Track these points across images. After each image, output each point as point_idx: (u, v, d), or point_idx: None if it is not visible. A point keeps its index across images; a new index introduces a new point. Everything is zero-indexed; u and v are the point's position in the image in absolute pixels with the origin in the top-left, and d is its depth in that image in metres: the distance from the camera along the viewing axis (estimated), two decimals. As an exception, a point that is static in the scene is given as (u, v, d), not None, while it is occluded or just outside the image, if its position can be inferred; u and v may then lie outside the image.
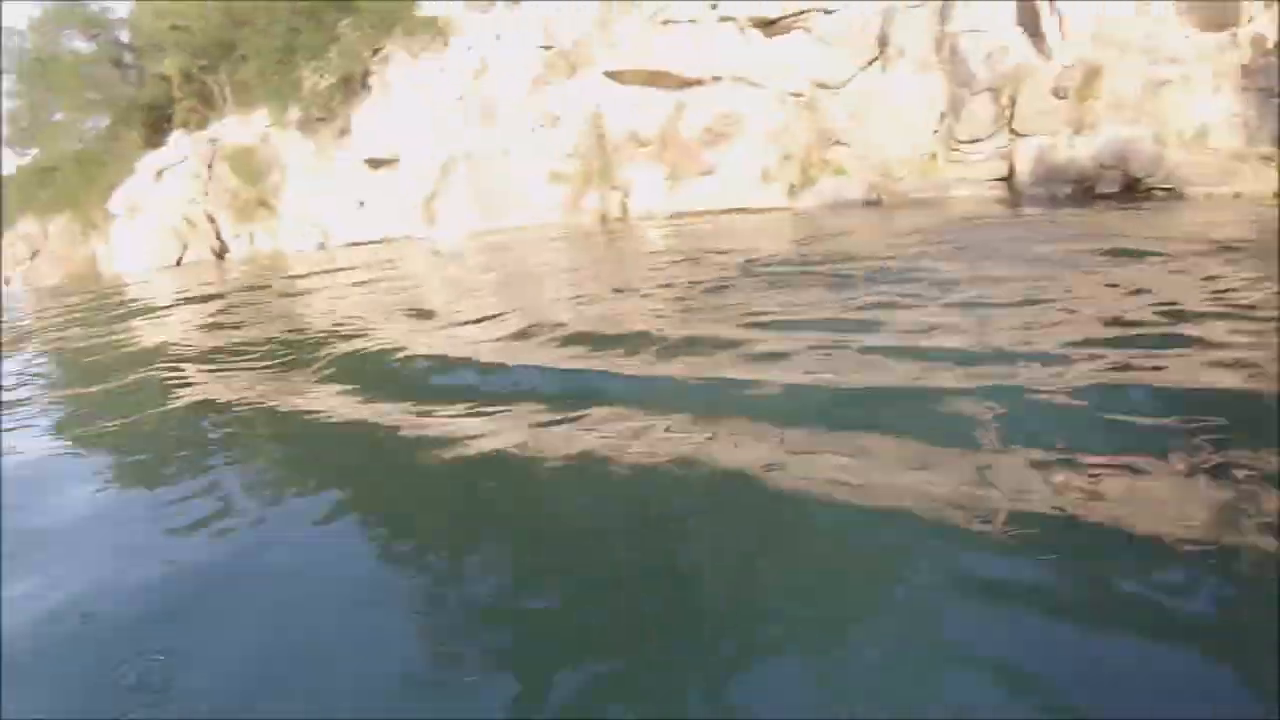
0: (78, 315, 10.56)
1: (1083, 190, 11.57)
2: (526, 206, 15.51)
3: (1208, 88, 11.72)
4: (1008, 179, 12.32)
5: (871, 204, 12.82)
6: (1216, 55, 11.79)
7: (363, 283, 9.84)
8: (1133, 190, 11.39)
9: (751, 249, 8.42)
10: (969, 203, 12.07)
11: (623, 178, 15.13)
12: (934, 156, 12.90)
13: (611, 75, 15.45)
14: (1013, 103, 12.26)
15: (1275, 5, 11.93)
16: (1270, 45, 11.73)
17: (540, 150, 15.63)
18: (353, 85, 17.54)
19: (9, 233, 26.70)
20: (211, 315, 8.50)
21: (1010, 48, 12.48)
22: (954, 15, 12.86)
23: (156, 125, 26.27)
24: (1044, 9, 12.08)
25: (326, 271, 12.14)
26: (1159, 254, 5.81)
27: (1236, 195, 10.99)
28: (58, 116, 28.71)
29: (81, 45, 28.88)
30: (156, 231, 19.93)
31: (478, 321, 5.65)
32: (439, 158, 16.32)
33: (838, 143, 13.57)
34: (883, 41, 13.54)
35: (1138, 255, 5.79)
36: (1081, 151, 11.81)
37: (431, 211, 16.30)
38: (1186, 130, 11.50)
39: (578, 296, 6.38)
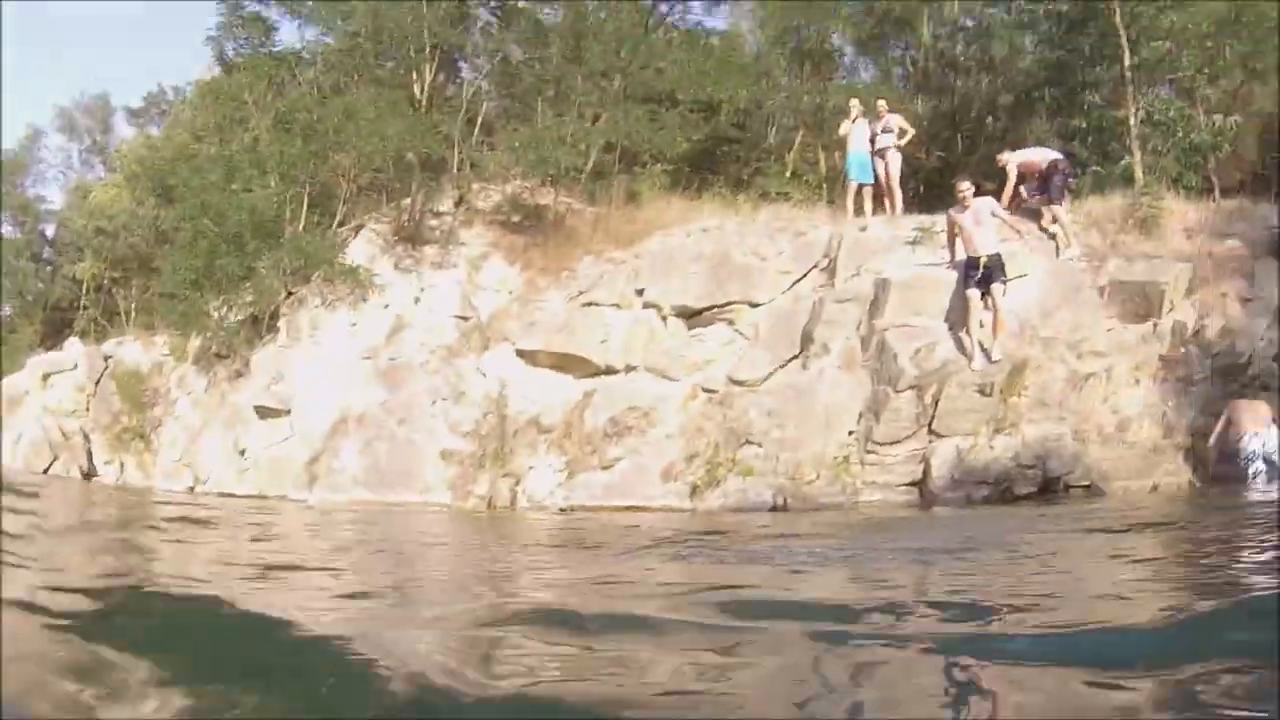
0: None
1: (1000, 491, 11.95)
2: (414, 483, 15.49)
3: (1128, 380, 12.71)
4: (922, 482, 12.61)
5: (778, 509, 12.90)
6: (1137, 346, 12.86)
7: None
8: (1051, 489, 11.90)
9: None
10: (879, 508, 12.38)
11: (518, 464, 15.30)
12: (847, 459, 13.19)
13: (524, 354, 16.19)
14: (935, 402, 12.77)
15: (1195, 296, 12.61)
16: (1189, 334, 12.31)
17: (438, 425, 15.94)
18: (259, 326, 18.08)
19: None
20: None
21: (938, 344, 13.20)
22: (885, 309, 13.70)
23: (56, 327, 28.23)
24: (975, 304, 12.78)
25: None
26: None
27: (1154, 488, 11.82)
28: (-39, 297, 31.27)
29: (9, 230, 32.54)
30: (29, 435, 19.84)
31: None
32: (331, 417, 16.46)
33: (748, 442, 13.90)
34: (807, 338, 14.33)
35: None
36: (1001, 453, 12.29)
37: (314, 472, 16.10)
38: (1107, 424, 12.37)
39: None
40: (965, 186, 13.14)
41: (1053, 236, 14.14)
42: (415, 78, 18.45)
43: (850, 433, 13.36)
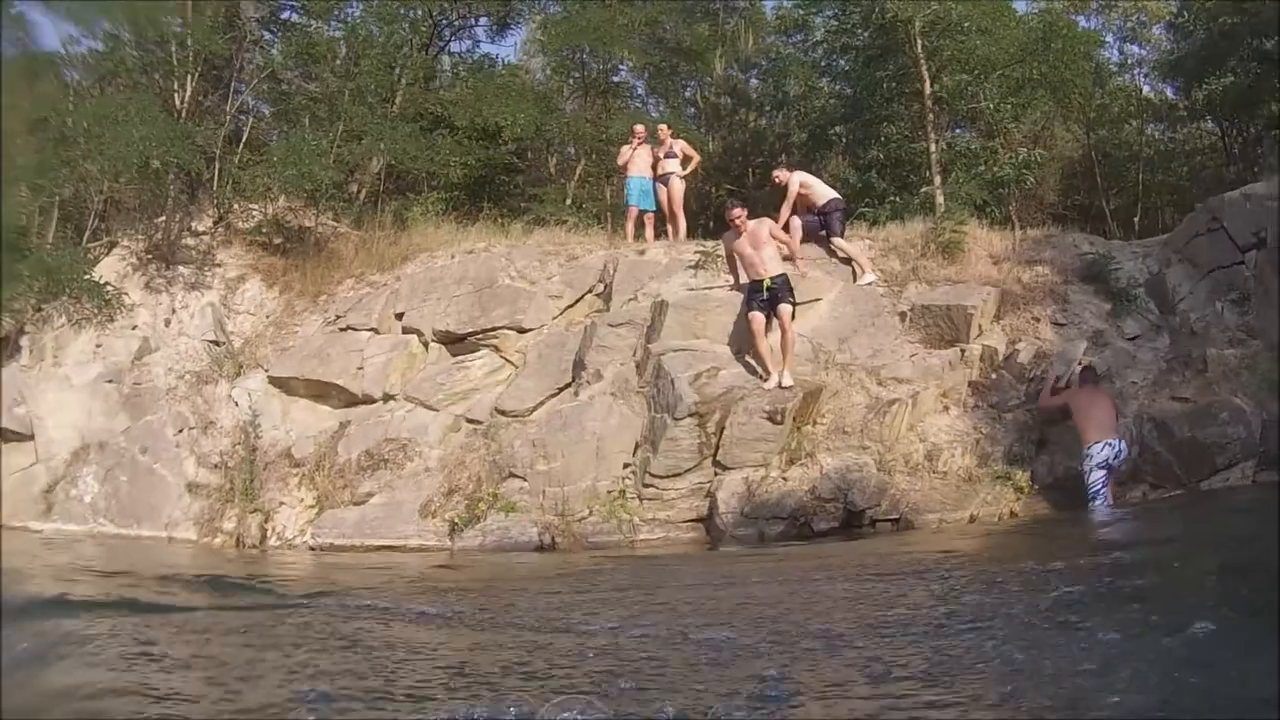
0: None
1: (797, 527, 9.46)
2: (158, 517, 12.48)
3: (935, 407, 10.38)
4: (708, 519, 9.93)
5: (544, 548, 10.23)
6: (944, 372, 10.58)
7: None
8: (856, 524, 9.48)
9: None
10: (659, 546, 9.91)
11: (268, 499, 12.24)
12: (623, 494, 10.41)
13: (277, 382, 13.08)
14: (720, 431, 10.10)
15: (1005, 321, 10.36)
16: (1000, 359, 10.51)
17: (185, 455, 12.84)
18: (5, 343, 14.84)
19: None
20: None
21: (722, 369, 10.60)
22: (661, 332, 11.07)
23: None
24: (759, 326, 10.32)
25: None
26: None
27: (972, 519, 9.42)
28: None
29: None
30: None
31: None
32: (72, 443, 13.43)
33: (512, 475, 10.99)
34: (579, 365, 11.58)
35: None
36: (796, 484, 9.71)
37: (50, 500, 13.04)
38: (914, 454, 9.94)
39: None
40: (738, 211, 10.88)
41: (847, 262, 11.87)
42: (177, 87, 15.07)
43: (625, 465, 10.61)
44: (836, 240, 11.88)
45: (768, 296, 10.36)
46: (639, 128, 14.04)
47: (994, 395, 10.23)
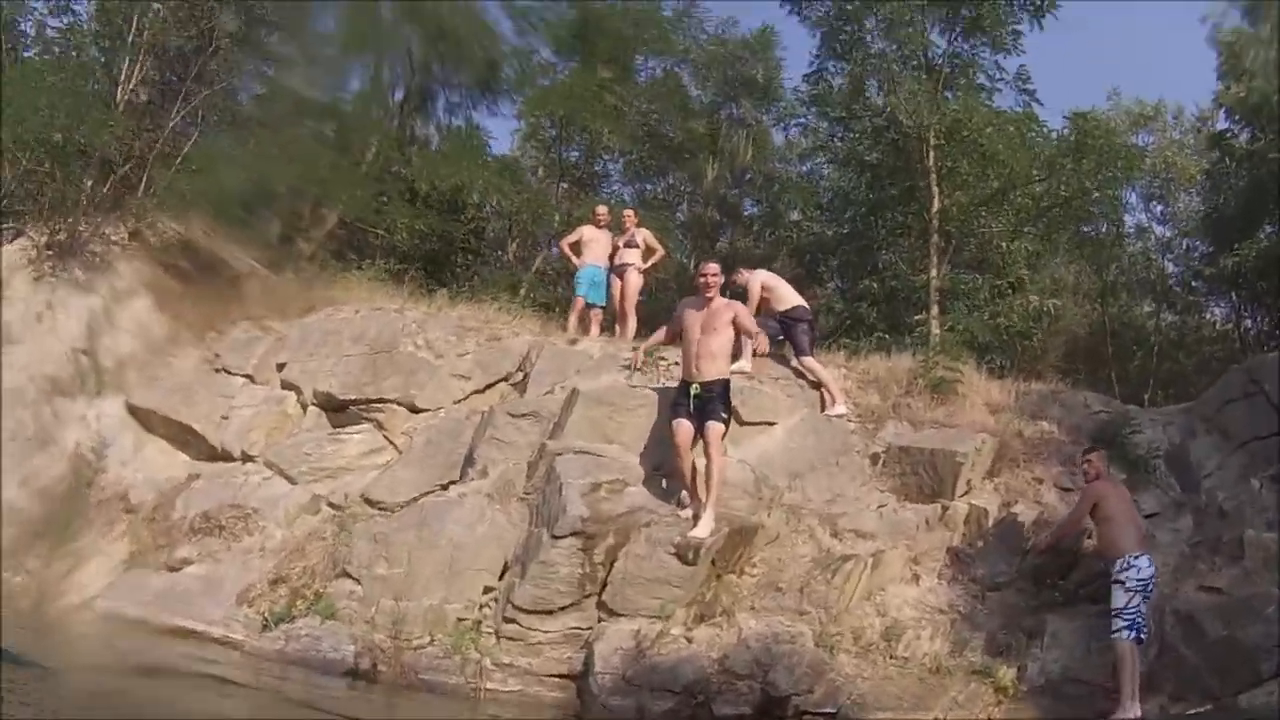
0: None
1: (692, 707, 6.43)
2: None
3: (903, 574, 7.46)
4: (581, 676, 6.81)
5: (360, 674, 7.16)
6: (919, 532, 7.69)
7: None
8: (776, 712, 6.44)
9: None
10: (512, 701, 6.83)
11: (86, 542, 9.38)
12: (478, 625, 7.36)
13: (136, 413, 10.30)
14: (611, 562, 7.08)
15: (1000, 479, 7.37)
16: (990, 523, 7.60)
17: (8, 469, 9.85)
18: None
19: None
20: None
21: (631, 484, 7.61)
22: (565, 428, 8.18)
23: None
24: (682, 437, 7.30)
25: None
26: None
27: None
28: None
29: None
30: None
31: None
32: None
33: (346, 574, 7.89)
34: (469, 459, 8.59)
35: None
36: (702, 649, 6.70)
37: None
38: (869, 630, 6.69)
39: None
40: (713, 267, 7.73)
41: (816, 387, 8.86)
42: (124, 77, 12.64)
43: (487, 590, 7.50)
44: (805, 360, 8.94)
45: (695, 406, 7.29)
46: (601, 209, 11.27)
47: (979, 567, 7.16)
